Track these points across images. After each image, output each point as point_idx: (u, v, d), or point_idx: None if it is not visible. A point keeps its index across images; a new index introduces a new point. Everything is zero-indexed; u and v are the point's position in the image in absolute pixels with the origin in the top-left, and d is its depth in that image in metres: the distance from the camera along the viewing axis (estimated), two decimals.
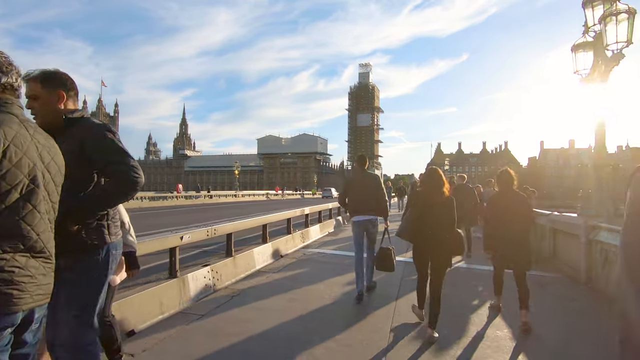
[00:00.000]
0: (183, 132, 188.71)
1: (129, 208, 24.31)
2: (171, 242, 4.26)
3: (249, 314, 4.28)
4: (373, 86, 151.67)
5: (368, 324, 4.13)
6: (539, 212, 8.36)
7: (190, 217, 15.84)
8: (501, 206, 4.14)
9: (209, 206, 26.99)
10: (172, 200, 29.77)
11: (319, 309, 4.52)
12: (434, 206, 3.79)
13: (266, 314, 4.28)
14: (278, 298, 4.87)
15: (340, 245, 8.82)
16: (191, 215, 16.92)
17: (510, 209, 4.07)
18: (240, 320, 4.07)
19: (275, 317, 4.14)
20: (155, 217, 16.12)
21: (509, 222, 4.02)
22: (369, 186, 5.05)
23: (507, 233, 4.03)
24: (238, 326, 3.86)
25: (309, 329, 3.86)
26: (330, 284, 5.62)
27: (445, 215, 3.78)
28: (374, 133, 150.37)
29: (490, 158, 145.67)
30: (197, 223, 11.16)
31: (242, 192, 46.87)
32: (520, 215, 4.06)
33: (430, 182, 3.89)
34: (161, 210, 21.51)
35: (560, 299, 5.30)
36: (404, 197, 19.39)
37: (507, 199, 4.16)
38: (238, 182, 53.55)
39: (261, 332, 3.75)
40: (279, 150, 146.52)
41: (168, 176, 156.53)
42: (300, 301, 4.78)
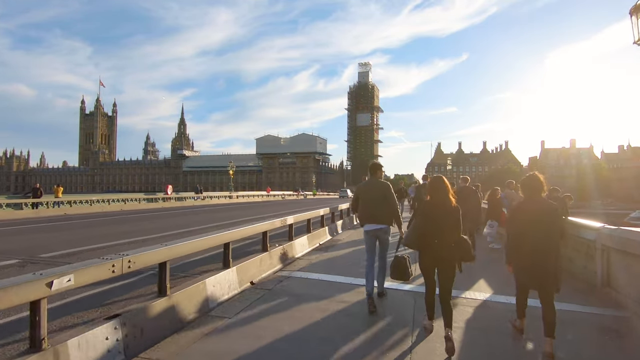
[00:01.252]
0: (182, 132, 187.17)
1: (112, 211, 22.71)
2: (33, 292, 2.52)
3: None
4: (372, 85, 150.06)
5: None
6: (582, 223, 6.64)
7: (140, 226, 13.70)
8: (526, 217, 3.67)
9: (192, 209, 24.97)
10: (156, 202, 27.97)
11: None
12: (440, 215, 3.79)
13: None
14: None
15: (333, 266, 7.02)
16: (147, 223, 14.89)
17: (537, 220, 3.59)
18: None
19: None
20: (113, 225, 14.37)
21: (536, 236, 3.56)
22: (380, 194, 5.01)
23: (534, 249, 3.57)
24: None
25: None
26: (309, 340, 3.85)
27: (451, 224, 3.78)
28: (373, 133, 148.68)
29: (490, 158, 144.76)
30: (133, 238, 9.38)
31: (237, 192, 45.08)
32: (549, 228, 3.59)
33: (437, 191, 3.88)
34: (133, 215, 19.73)
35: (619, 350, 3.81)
36: (404, 200, 17.34)
37: (533, 208, 3.66)
38: (232, 182, 51.69)
39: None
40: (277, 150, 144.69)
41: (166, 176, 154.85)
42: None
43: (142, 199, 28.16)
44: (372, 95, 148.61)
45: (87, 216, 18.56)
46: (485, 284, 6.04)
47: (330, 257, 7.91)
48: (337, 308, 4.71)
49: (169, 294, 3.91)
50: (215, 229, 6.55)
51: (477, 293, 5.46)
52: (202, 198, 34.74)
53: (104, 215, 19.55)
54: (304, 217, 8.83)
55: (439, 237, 3.75)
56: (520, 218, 3.74)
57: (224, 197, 38.85)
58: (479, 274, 6.69)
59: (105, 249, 8.41)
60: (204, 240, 4.65)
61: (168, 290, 3.91)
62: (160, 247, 3.87)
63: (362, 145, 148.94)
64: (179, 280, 5.83)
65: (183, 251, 4.22)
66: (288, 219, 7.51)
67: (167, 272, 3.91)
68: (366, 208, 5.08)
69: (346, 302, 4.94)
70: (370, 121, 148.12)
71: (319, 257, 7.79)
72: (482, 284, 6.03)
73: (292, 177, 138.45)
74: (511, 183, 10.30)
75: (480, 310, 4.80)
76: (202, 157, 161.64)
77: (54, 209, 20.99)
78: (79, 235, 11.00)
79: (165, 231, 11.50)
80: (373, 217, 4.99)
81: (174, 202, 29.46)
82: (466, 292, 5.47)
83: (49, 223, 14.81)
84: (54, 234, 11.36)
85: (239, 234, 5.60)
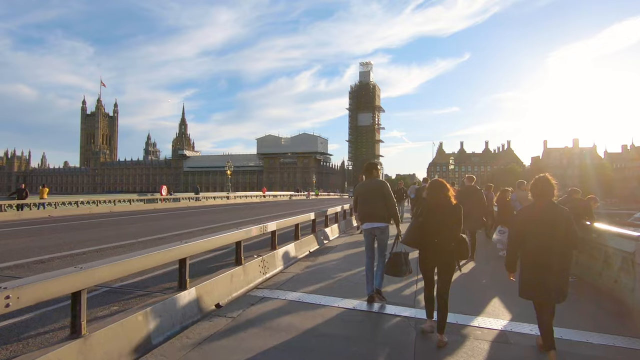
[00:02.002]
0: (182, 132, 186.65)
1: (100, 213, 21.72)
2: None
3: None
4: (374, 85, 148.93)
5: None
6: (616, 231, 5.61)
7: (114, 231, 12.46)
8: (534, 223, 3.37)
9: (183, 211, 23.84)
10: (147, 204, 26.96)
11: None
12: (440, 214, 3.83)
13: None
14: None
15: (321, 281, 5.95)
16: (125, 228, 13.72)
17: (547, 227, 3.29)
18: None
19: None
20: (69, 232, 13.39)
21: (546, 245, 3.27)
22: (376, 193, 5.08)
23: (535, 259, 3.30)
24: None
25: None
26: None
27: (450, 224, 3.80)
28: (374, 132, 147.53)
29: (492, 157, 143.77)
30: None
31: (235, 193, 44.08)
32: (555, 237, 3.27)
33: (436, 192, 3.92)
34: (117, 218, 18.78)
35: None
36: (403, 202, 16.09)
37: (539, 214, 3.39)
38: (230, 182, 50.66)
39: None
40: (278, 150, 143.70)
41: (167, 176, 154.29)
42: None
43: (135, 199, 27.20)
44: (374, 94, 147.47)
45: (70, 218, 17.60)
46: (501, 305, 5.03)
47: (319, 269, 6.87)
48: (318, 347, 3.67)
49: (84, 333, 2.90)
50: (188, 236, 5.62)
51: (493, 320, 4.42)
52: (199, 199, 33.78)
53: (89, 217, 18.59)
54: (290, 223, 7.77)
55: (438, 236, 3.78)
56: (523, 224, 3.45)
57: (220, 197, 37.86)
58: (492, 291, 5.69)
59: (59, 260, 7.43)
60: (144, 258, 3.61)
61: (83, 328, 2.89)
62: (72, 271, 2.86)
63: (363, 145, 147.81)
64: (124, 303, 4.83)
65: (107, 275, 3.16)
66: (269, 225, 6.48)
67: (83, 305, 2.89)
68: (364, 207, 5.17)
69: (331, 336, 3.91)
70: (371, 121, 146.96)
71: (305, 269, 6.74)
72: (498, 306, 5.01)
73: (293, 177, 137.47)
74: (522, 183, 9.26)
75: (499, 347, 3.75)
76: (203, 157, 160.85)
77: (38, 211, 20.07)
78: (42, 242, 10.00)
79: (137, 237, 10.47)
80: (370, 215, 5.07)
81: (167, 204, 28.44)
82: (479, 318, 4.45)
83: (24, 227, 13.85)
84: (17, 240, 10.36)
85: (199, 247, 4.54)
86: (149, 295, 5.08)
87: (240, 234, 5.48)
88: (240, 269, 5.40)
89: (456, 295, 4.33)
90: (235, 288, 5.13)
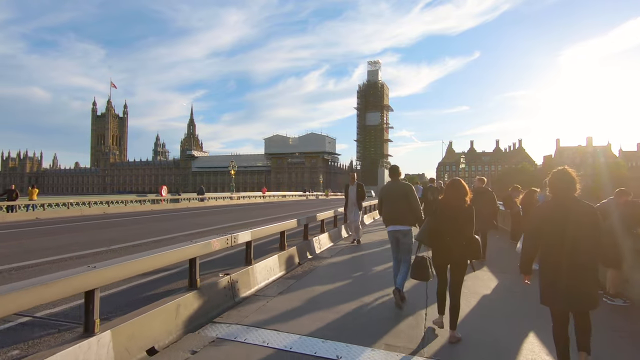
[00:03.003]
0: (191, 132, 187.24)
1: (91, 215, 20.67)
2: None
3: None
4: (382, 84, 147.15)
5: None
6: None
7: (85, 237, 11.33)
8: (551, 222, 2.97)
9: (178, 213, 22.38)
10: (144, 205, 25.99)
11: None
12: (453, 214, 3.89)
13: None
14: None
15: (305, 313, 4.48)
16: (106, 232, 12.60)
17: (570, 226, 2.88)
18: None
19: None
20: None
21: (569, 246, 2.86)
22: (401, 196, 5.09)
23: (570, 262, 2.86)
24: None
25: None
26: None
27: (464, 224, 3.88)
28: (383, 132, 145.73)
29: (503, 156, 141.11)
30: None
31: (238, 193, 43.02)
32: (585, 235, 2.86)
33: (453, 191, 3.96)
34: (106, 220, 17.73)
35: None
36: None
37: (560, 212, 2.97)
38: (234, 183, 49.59)
39: None
40: (286, 150, 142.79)
41: (175, 177, 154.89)
42: None
43: (132, 200, 26.26)
44: (382, 93, 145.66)
45: (57, 221, 16.61)
46: (536, 341, 3.71)
47: (307, 294, 5.30)
48: None
49: None
50: (168, 242, 4.52)
51: None
52: (203, 199, 32.85)
53: (77, 219, 17.61)
54: (271, 231, 6.42)
55: (451, 235, 3.86)
56: (538, 222, 3.11)
57: (222, 198, 36.88)
58: (519, 314, 4.39)
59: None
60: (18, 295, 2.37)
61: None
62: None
63: (371, 145, 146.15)
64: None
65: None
66: (240, 235, 5.11)
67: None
68: (388, 209, 5.22)
69: None
70: (380, 120, 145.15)
71: (288, 294, 5.25)
72: (533, 343, 3.68)
73: (301, 177, 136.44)
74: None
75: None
76: (211, 158, 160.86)
77: (26, 213, 19.19)
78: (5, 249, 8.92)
79: (111, 244, 9.30)
80: (394, 218, 5.11)
81: (165, 204, 27.47)
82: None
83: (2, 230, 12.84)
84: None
85: (119, 271, 3.22)
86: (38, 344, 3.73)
87: (193, 249, 4.17)
88: (193, 295, 4.10)
89: None
90: (182, 323, 3.85)
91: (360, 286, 5.82)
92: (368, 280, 6.35)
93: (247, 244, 5.44)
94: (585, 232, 2.89)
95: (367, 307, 4.81)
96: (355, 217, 9.86)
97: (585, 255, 2.89)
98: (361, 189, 9.86)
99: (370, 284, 5.88)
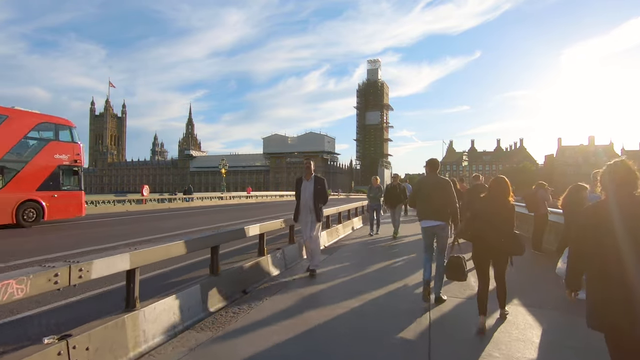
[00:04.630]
0: (189, 132, 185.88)
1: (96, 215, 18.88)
2: None
3: None
4: (382, 83, 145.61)
5: None
6: None
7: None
8: (610, 228, 2.27)
9: (151, 214, 20.74)
10: (122, 205, 24.66)
11: None
12: (496, 211, 4.02)
13: None
14: None
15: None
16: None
17: (632, 229, 2.21)
18: None
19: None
20: None
21: (629, 252, 2.21)
22: (439, 190, 4.97)
23: (621, 271, 2.19)
24: None
25: None
26: None
27: (505, 220, 4.00)
28: (383, 131, 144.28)
29: (504, 156, 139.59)
30: None
31: (230, 193, 41.59)
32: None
33: (498, 188, 4.12)
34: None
35: None
36: (400, 206, 13.83)
37: (625, 211, 2.26)
38: (225, 182, 48.08)
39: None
40: (285, 150, 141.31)
41: (173, 177, 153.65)
42: None
43: (109, 201, 24.86)
44: (382, 92, 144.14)
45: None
46: None
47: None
48: None
49: None
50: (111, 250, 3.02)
51: None
52: (191, 199, 31.55)
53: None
54: (159, 255, 4.01)
55: (492, 231, 3.95)
56: (600, 224, 2.31)
57: (210, 198, 35.52)
58: None
59: None
60: None
61: None
62: None
63: (371, 144, 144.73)
64: None
65: None
66: (94, 266, 3.08)
67: None
68: (424, 204, 5.07)
69: None
70: (379, 119, 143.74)
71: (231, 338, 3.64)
72: None
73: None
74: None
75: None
76: (209, 157, 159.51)
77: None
78: None
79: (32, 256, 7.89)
80: (431, 213, 4.96)
81: (147, 205, 26.27)
82: None
83: None
84: None
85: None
86: None
87: None
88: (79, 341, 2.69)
89: None
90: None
91: None
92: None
93: (128, 273, 3.52)
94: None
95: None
96: (310, 231, 6.54)
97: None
98: (322, 187, 6.55)
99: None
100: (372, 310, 4.77)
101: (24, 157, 13.84)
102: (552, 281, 5.78)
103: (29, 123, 14.11)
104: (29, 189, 13.86)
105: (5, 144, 13.29)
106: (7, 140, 13.34)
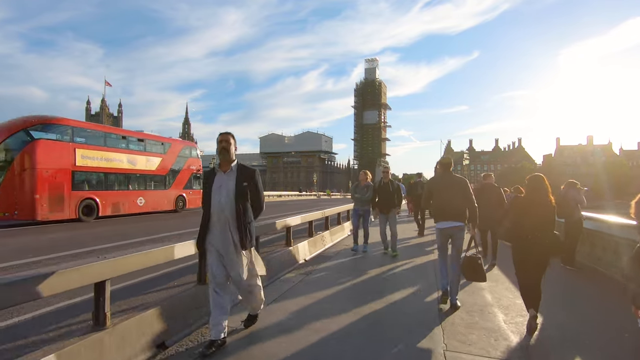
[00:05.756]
0: (186, 131, 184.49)
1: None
2: None
3: None
4: (380, 82, 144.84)
5: None
6: None
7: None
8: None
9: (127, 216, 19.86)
10: None
11: None
12: (534, 211, 3.98)
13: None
14: None
15: None
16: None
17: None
18: None
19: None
20: None
21: None
22: (456, 190, 4.82)
23: None
24: None
25: None
26: None
27: (545, 221, 3.96)
28: (381, 131, 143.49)
29: (503, 156, 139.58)
30: None
31: None
32: None
33: (536, 188, 4.09)
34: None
35: None
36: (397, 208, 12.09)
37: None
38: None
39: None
40: (282, 149, 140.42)
41: None
42: None
43: None
44: (380, 92, 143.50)
45: None
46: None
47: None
48: None
49: None
50: None
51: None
52: None
53: None
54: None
55: (532, 232, 3.93)
56: None
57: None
58: None
59: None
60: None
61: None
62: None
63: (369, 144, 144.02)
64: None
65: None
66: None
67: None
68: (440, 204, 4.91)
69: None
70: (377, 119, 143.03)
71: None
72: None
73: (297, 177, 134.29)
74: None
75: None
76: (206, 157, 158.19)
77: None
78: None
79: None
80: (448, 213, 4.81)
81: None
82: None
83: None
84: None
85: None
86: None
87: None
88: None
89: None
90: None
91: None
92: None
93: None
94: None
95: None
96: (234, 268, 3.76)
97: None
98: (251, 183, 3.85)
99: None
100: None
101: (178, 168, 22.12)
102: (590, 304, 5.13)
103: (180, 147, 23.00)
104: (180, 188, 22.17)
105: (171, 161, 21.68)
106: (172, 158, 21.74)
